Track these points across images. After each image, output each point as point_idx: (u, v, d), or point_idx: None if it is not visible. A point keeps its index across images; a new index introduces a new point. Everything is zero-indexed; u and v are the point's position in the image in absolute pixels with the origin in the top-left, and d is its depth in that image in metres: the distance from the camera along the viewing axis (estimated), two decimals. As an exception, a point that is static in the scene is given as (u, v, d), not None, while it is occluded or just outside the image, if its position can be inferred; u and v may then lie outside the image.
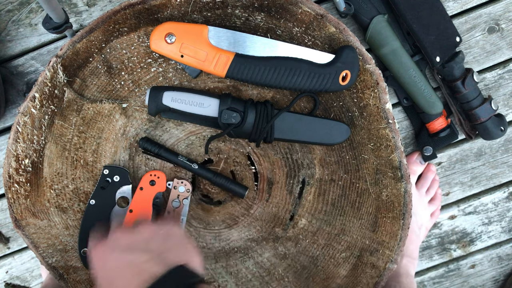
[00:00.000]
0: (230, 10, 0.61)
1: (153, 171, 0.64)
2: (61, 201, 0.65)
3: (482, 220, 0.92)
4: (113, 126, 0.64)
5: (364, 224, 0.65)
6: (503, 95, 0.85)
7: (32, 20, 0.81)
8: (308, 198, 0.66)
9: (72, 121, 0.63)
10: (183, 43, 0.59)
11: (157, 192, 0.64)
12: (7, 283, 0.92)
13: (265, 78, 0.60)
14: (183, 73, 0.64)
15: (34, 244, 0.65)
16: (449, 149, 0.88)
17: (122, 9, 0.60)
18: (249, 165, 0.67)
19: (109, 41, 0.62)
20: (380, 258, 0.65)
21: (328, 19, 0.60)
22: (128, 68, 0.63)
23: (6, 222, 0.88)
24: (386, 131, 0.62)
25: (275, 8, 0.60)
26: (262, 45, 0.60)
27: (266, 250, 0.67)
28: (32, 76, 0.82)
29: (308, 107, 0.64)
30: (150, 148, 0.63)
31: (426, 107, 0.79)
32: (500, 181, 0.90)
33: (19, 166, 0.62)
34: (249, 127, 0.61)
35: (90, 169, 0.65)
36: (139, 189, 0.64)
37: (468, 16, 0.82)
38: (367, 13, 0.76)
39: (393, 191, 0.64)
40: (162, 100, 0.60)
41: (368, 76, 0.62)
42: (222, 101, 0.60)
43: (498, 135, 0.81)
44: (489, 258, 0.94)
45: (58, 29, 0.64)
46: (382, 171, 0.64)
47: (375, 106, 0.62)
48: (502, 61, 0.84)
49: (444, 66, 0.78)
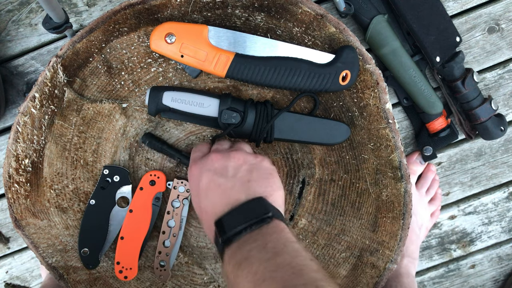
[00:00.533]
0: (230, 10, 0.61)
1: (153, 171, 0.64)
2: (61, 201, 0.65)
3: (482, 220, 0.92)
4: (113, 126, 0.64)
5: (364, 224, 0.65)
6: (503, 95, 0.85)
7: (32, 20, 0.81)
8: (308, 198, 0.66)
9: (72, 121, 0.63)
10: (183, 43, 0.59)
11: (157, 192, 0.64)
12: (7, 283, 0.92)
13: (265, 78, 0.60)
14: (183, 73, 0.64)
15: (34, 244, 0.65)
16: (449, 149, 0.88)
17: (122, 9, 0.60)
18: (249, 165, 0.66)
19: (109, 41, 0.62)
20: (380, 258, 0.65)
21: (328, 19, 0.60)
22: (128, 68, 0.63)
23: (6, 222, 0.88)
24: (386, 131, 0.62)
25: (275, 8, 0.60)
26: (262, 45, 0.60)
27: (266, 250, 0.67)
28: (32, 76, 0.82)
29: (308, 107, 0.64)
30: (153, 143, 0.63)
31: (426, 107, 0.79)
32: (500, 181, 0.90)
33: (19, 166, 0.62)
34: (249, 127, 0.61)
35: (90, 169, 0.65)
36: (139, 189, 0.64)
37: (468, 16, 0.82)
38: (367, 13, 0.76)
39: (393, 191, 0.64)
40: (162, 100, 0.60)
41: (368, 76, 0.62)
42: (222, 101, 0.60)
43: (498, 135, 0.81)
44: (489, 258, 0.94)
45: (58, 29, 0.64)
46: (382, 171, 0.64)
47: (375, 106, 0.62)
48: (502, 61, 0.84)
49: (444, 66, 0.78)
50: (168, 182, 0.65)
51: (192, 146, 0.66)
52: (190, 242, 0.67)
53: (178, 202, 0.65)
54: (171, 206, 0.65)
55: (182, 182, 0.65)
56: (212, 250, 0.68)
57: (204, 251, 0.68)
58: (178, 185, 0.65)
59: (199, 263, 0.67)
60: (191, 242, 0.67)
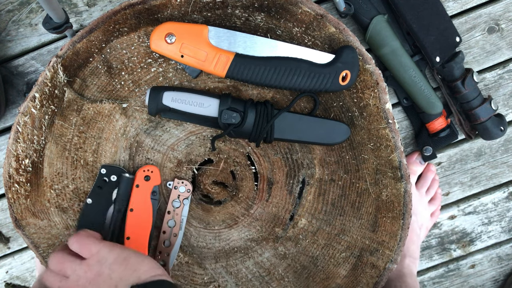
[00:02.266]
0: (230, 10, 0.61)
1: (145, 166, 0.64)
2: (61, 201, 0.65)
3: (482, 220, 0.92)
4: (113, 126, 0.64)
5: (364, 224, 0.65)
6: (503, 95, 0.85)
7: (32, 20, 0.81)
8: (308, 198, 0.66)
9: (72, 121, 0.63)
10: (183, 43, 0.59)
11: (153, 186, 0.64)
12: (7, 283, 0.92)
13: (265, 78, 0.60)
14: (183, 73, 0.64)
15: (34, 244, 0.65)
16: (449, 149, 0.88)
17: (122, 9, 0.60)
18: (249, 165, 0.67)
19: (109, 41, 0.62)
20: (380, 258, 0.65)
21: (328, 19, 0.60)
22: (128, 68, 0.63)
23: (6, 222, 0.88)
24: (386, 131, 0.62)
25: (275, 8, 0.60)
26: (262, 45, 0.60)
27: (266, 250, 0.67)
28: (32, 76, 0.82)
29: (308, 107, 0.64)
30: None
31: (426, 107, 0.79)
32: (500, 181, 0.90)
33: (19, 166, 0.62)
34: (249, 127, 0.61)
35: (90, 169, 0.65)
36: (136, 187, 0.64)
37: (468, 16, 0.82)
38: (367, 13, 0.76)
39: (393, 191, 0.64)
40: (162, 100, 0.60)
41: (368, 76, 0.62)
42: (222, 101, 0.60)
43: (498, 135, 0.81)
44: (489, 258, 0.94)
45: (58, 29, 0.64)
46: (382, 171, 0.64)
47: (375, 106, 0.62)
48: (502, 61, 0.84)
49: (444, 66, 0.78)
50: (169, 182, 0.65)
51: (192, 146, 0.66)
52: (190, 242, 0.68)
53: (179, 202, 0.65)
54: (172, 206, 0.65)
55: (182, 182, 0.65)
56: (212, 250, 0.68)
57: (204, 251, 0.68)
58: (179, 185, 0.65)
59: (199, 263, 0.68)
60: (191, 242, 0.68)
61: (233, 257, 0.68)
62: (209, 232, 0.68)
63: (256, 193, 0.67)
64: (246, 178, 0.67)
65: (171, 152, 0.66)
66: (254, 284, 0.68)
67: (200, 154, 0.66)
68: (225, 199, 0.68)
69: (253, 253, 0.68)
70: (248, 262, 0.68)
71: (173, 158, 0.66)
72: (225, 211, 0.68)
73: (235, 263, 0.68)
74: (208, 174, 0.67)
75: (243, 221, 0.68)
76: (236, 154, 0.66)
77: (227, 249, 0.68)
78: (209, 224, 0.68)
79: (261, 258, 0.68)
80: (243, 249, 0.68)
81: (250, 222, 0.67)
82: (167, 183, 0.66)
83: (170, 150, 0.66)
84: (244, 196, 0.67)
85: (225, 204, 0.68)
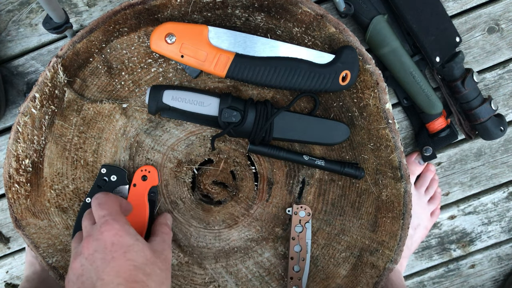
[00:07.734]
0: (230, 10, 0.61)
1: (144, 166, 0.64)
2: (61, 201, 0.65)
3: (482, 220, 0.92)
4: (113, 126, 0.64)
5: (364, 224, 0.65)
6: (503, 95, 0.85)
7: (33, 20, 0.81)
8: (308, 198, 0.66)
9: (72, 121, 0.63)
10: (183, 43, 0.59)
11: (151, 186, 0.64)
12: (7, 283, 0.92)
13: (265, 78, 0.60)
14: (183, 73, 0.64)
15: (35, 244, 0.65)
16: (449, 149, 0.88)
17: (122, 9, 0.60)
18: (249, 165, 0.67)
19: (109, 41, 0.62)
20: (380, 258, 0.65)
21: (328, 19, 0.60)
22: (129, 68, 0.63)
23: (6, 222, 0.88)
24: (386, 131, 0.62)
25: (275, 8, 0.61)
26: (262, 45, 0.60)
27: (266, 250, 0.67)
28: (33, 76, 0.82)
29: (308, 107, 0.64)
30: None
31: (426, 107, 0.79)
32: (499, 181, 0.90)
33: (20, 166, 0.62)
34: (249, 126, 0.61)
35: (91, 169, 0.65)
36: (133, 186, 0.64)
37: (468, 16, 0.82)
38: (367, 13, 0.76)
39: (393, 191, 0.64)
40: (162, 98, 0.60)
41: (368, 76, 0.62)
42: (223, 100, 0.60)
43: (498, 135, 0.81)
44: (488, 258, 0.94)
45: (58, 29, 0.64)
46: (382, 171, 0.64)
47: (375, 106, 0.62)
48: (502, 61, 0.84)
49: (444, 66, 0.78)
50: (288, 209, 0.66)
51: (192, 146, 0.66)
52: (190, 242, 0.68)
53: (301, 227, 0.65)
54: (295, 232, 0.65)
55: (301, 207, 0.65)
56: (212, 250, 0.68)
57: (204, 251, 0.68)
58: (298, 211, 0.65)
59: (199, 263, 0.68)
60: (191, 242, 0.68)
61: (233, 257, 0.68)
62: (209, 232, 0.68)
63: (256, 193, 0.67)
64: (246, 178, 0.67)
65: (171, 152, 0.66)
66: (254, 284, 0.68)
67: (200, 154, 0.66)
68: (225, 199, 0.68)
69: (253, 253, 0.68)
70: (248, 262, 0.68)
71: (173, 158, 0.66)
72: (225, 211, 0.68)
73: (235, 263, 0.68)
74: (208, 174, 0.67)
75: (243, 221, 0.68)
76: (236, 154, 0.66)
77: (227, 249, 0.68)
78: (209, 224, 0.68)
79: (261, 258, 0.68)
80: (243, 249, 0.68)
81: (250, 222, 0.68)
82: (286, 210, 0.66)
83: (170, 150, 0.66)
84: (244, 196, 0.67)
85: (225, 204, 0.68)
